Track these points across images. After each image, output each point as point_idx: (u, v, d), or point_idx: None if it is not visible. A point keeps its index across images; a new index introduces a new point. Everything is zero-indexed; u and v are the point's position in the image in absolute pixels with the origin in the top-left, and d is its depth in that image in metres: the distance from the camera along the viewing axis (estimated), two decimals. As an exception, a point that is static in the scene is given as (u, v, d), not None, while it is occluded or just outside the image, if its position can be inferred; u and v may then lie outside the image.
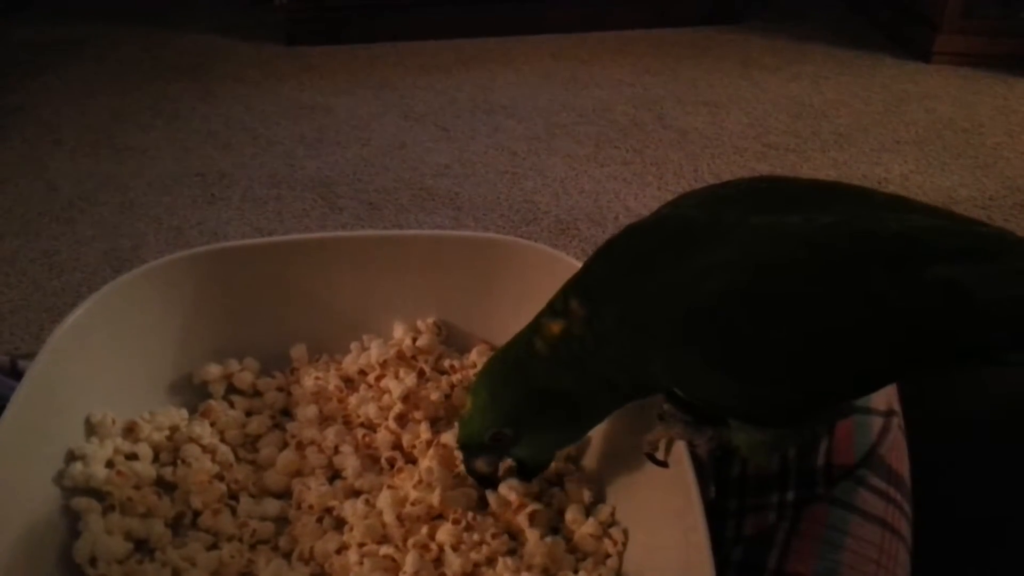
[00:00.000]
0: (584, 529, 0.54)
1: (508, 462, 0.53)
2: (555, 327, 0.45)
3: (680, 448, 0.49)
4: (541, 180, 1.69)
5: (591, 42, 2.50)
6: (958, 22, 2.24)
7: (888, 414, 0.53)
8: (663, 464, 0.50)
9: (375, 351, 0.66)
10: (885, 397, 0.54)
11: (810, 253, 0.39)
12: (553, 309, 0.46)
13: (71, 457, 0.55)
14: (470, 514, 0.54)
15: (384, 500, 0.55)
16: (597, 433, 0.61)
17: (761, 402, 0.42)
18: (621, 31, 2.57)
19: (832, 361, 0.40)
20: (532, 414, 0.48)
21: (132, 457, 0.58)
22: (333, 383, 0.64)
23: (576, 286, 0.46)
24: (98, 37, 2.63)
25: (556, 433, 0.50)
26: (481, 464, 0.52)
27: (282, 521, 0.57)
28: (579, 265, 0.63)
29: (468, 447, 0.51)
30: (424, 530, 0.54)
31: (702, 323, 0.40)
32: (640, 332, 0.42)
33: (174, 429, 0.60)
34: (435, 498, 0.55)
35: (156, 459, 0.59)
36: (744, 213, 0.41)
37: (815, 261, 0.39)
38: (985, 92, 2.10)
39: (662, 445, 0.50)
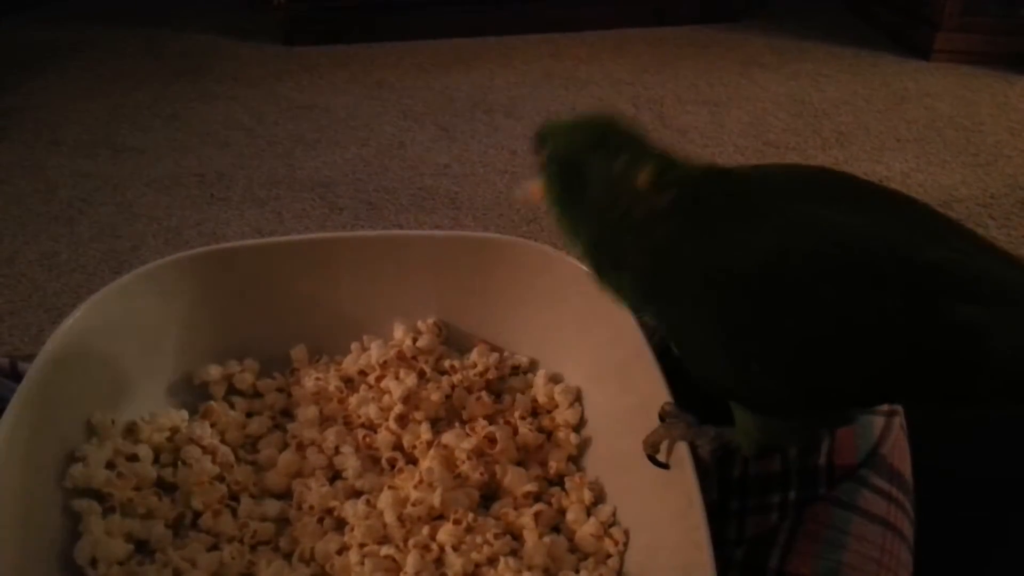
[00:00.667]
0: (585, 529, 0.54)
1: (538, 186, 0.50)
2: (644, 177, 0.44)
3: (681, 448, 0.49)
4: (541, 180, 1.68)
5: (590, 41, 2.50)
6: (958, 20, 2.24)
7: (890, 414, 0.53)
8: (664, 466, 0.50)
9: (375, 352, 0.65)
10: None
11: (839, 256, 0.39)
12: (659, 167, 0.44)
13: (71, 459, 0.55)
14: (471, 515, 0.54)
15: (385, 500, 0.55)
16: (598, 433, 0.61)
17: (753, 386, 0.42)
18: (620, 30, 2.57)
19: (830, 366, 0.39)
20: (559, 166, 0.47)
21: (133, 458, 0.57)
22: (333, 384, 0.64)
23: (683, 180, 0.44)
24: (97, 38, 2.63)
25: (553, 196, 0.48)
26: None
27: (283, 522, 0.57)
28: (580, 266, 0.63)
29: (540, 133, 0.49)
30: (425, 530, 0.54)
31: (721, 290, 0.40)
32: (669, 266, 0.42)
33: (174, 430, 0.60)
34: (436, 498, 0.55)
35: (156, 460, 0.59)
36: (799, 198, 0.41)
37: (841, 265, 0.39)
38: (985, 90, 2.10)
39: (664, 447, 0.50)
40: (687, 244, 0.42)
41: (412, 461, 0.60)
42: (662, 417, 0.51)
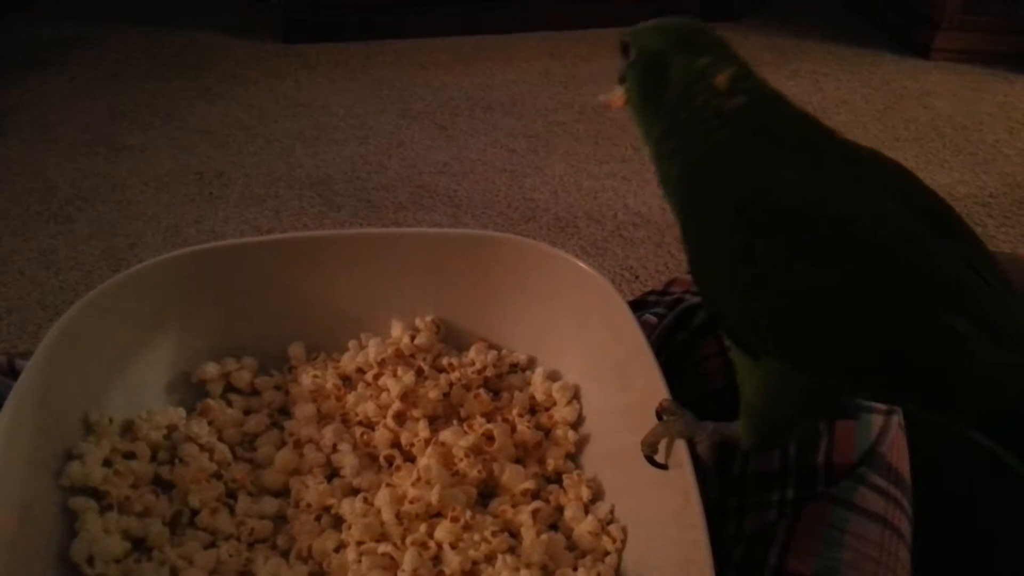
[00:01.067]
0: (583, 527, 0.54)
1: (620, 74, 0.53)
2: (723, 79, 0.45)
3: (680, 446, 0.49)
4: (540, 178, 1.68)
5: (590, 39, 2.49)
6: (958, 19, 2.24)
7: (889, 412, 0.53)
8: (663, 467, 0.50)
9: (373, 349, 0.65)
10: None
11: (868, 232, 0.40)
12: (737, 74, 0.46)
13: (68, 456, 0.54)
14: (468, 512, 0.54)
15: (382, 498, 0.55)
16: (596, 431, 0.61)
17: (751, 317, 0.43)
18: (620, 28, 2.56)
19: (825, 325, 0.40)
20: (646, 61, 0.49)
21: (130, 456, 0.57)
22: (331, 381, 0.64)
23: (756, 91, 0.46)
24: (95, 36, 2.62)
25: (634, 95, 0.50)
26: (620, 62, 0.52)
27: (280, 520, 0.57)
28: (575, 261, 0.63)
29: (627, 35, 0.52)
30: (422, 528, 0.54)
31: (751, 210, 0.41)
32: (716, 167, 0.44)
33: (172, 428, 0.60)
34: (434, 496, 0.55)
35: (154, 458, 0.59)
36: (849, 164, 0.43)
37: (867, 247, 0.40)
38: (985, 89, 2.10)
39: (662, 446, 0.50)
40: (739, 153, 0.43)
41: (410, 459, 0.60)
42: (659, 415, 0.51)
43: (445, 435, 0.60)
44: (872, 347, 0.40)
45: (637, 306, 0.67)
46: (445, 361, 0.67)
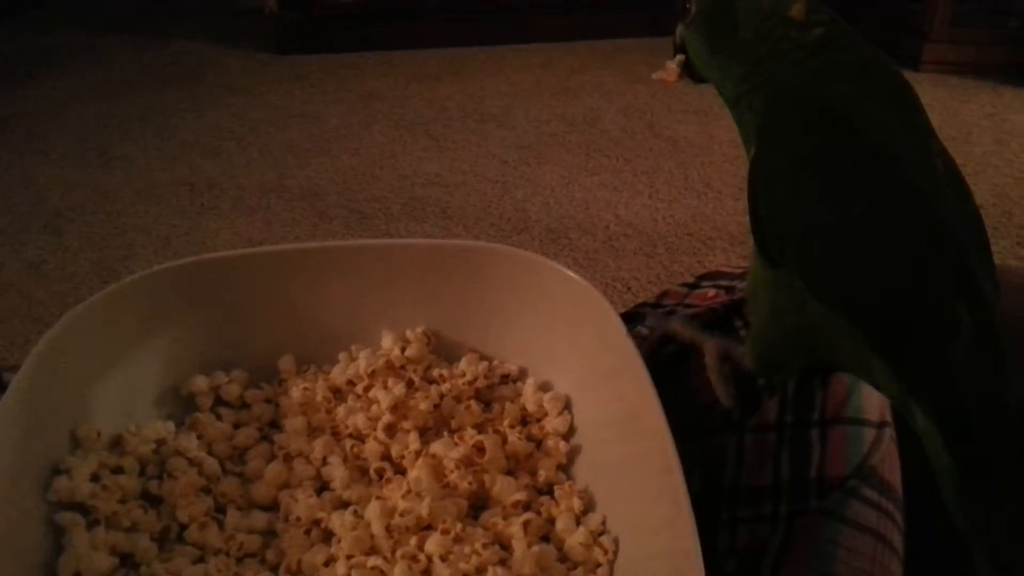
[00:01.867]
0: (574, 538, 0.54)
1: (679, 35, 0.54)
2: (797, 10, 0.47)
3: (671, 455, 0.49)
4: (532, 189, 1.69)
5: (581, 51, 2.51)
6: (947, 31, 2.26)
7: (880, 425, 0.53)
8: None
9: (364, 361, 0.65)
10: (877, 408, 0.53)
11: (921, 201, 0.42)
12: (810, 5, 0.47)
13: (55, 471, 0.54)
14: (459, 524, 0.54)
15: (372, 511, 0.55)
16: (587, 442, 0.61)
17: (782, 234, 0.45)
18: (611, 40, 2.58)
19: (855, 262, 0.43)
20: (711, 8, 0.50)
21: (118, 470, 0.57)
22: (321, 394, 0.64)
23: (832, 21, 0.47)
24: (88, 46, 2.63)
25: (703, 45, 0.51)
26: (676, 36, 0.54)
27: (270, 534, 0.56)
28: (570, 274, 0.63)
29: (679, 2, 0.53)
30: (413, 541, 0.53)
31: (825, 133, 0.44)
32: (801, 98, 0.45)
33: (160, 442, 0.60)
34: (424, 508, 0.54)
35: (142, 472, 0.59)
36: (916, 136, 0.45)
37: (921, 205, 0.42)
38: (974, 100, 2.11)
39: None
40: (830, 84, 0.45)
41: (400, 471, 0.59)
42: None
43: (436, 447, 0.60)
44: (881, 289, 0.42)
45: (629, 318, 0.67)
46: (436, 372, 0.66)
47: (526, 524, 0.54)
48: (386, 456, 0.60)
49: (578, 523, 0.55)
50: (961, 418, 0.41)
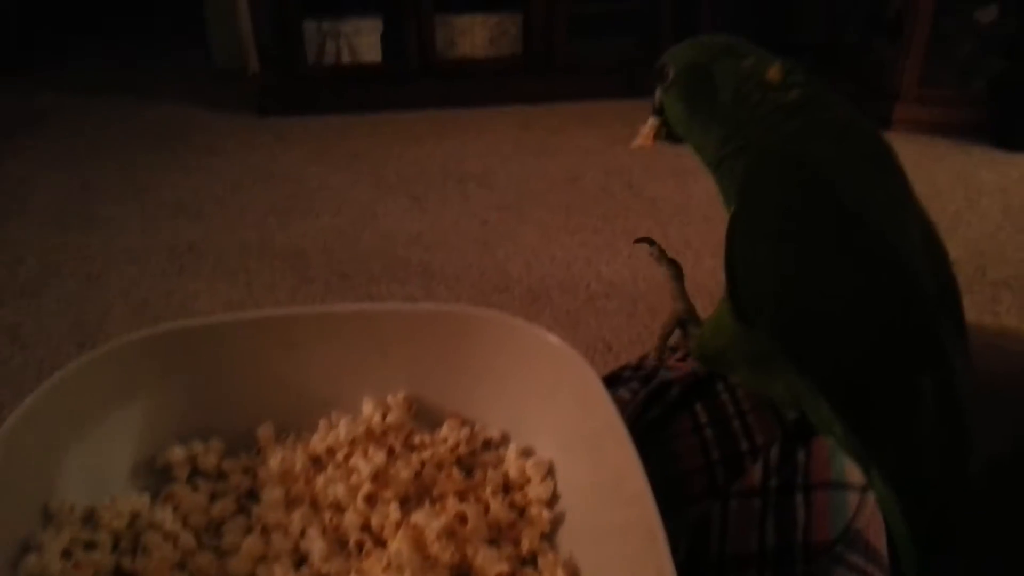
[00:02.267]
0: (558, 611, 0.53)
1: (657, 100, 0.55)
2: (775, 73, 0.48)
3: (655, 521, 0.48)
4: (513, 248, 1.70)
5: (560, 112, 2.55)
6: (916, 92, 2.32)
7: (864, 489, 0.53)
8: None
9: (344, 429, 0.64)
10: (860, 471, 0.53)
11: (895, 274, 0.43)
12: (786, 67, 0.48)
13: (26, 547, 0.52)
14: (441, 599, 0.53)
15: (352, 586, 0.54)
16: (571, 508, 0.60)
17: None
18: (589, 101, 2.63)
19: (825, 328, 0.43)
20: (689, 73, 0.51)
21: (91, 546, 0.55)
22: (300, 463, 0.63)
23: (809, 83, 0.48)
24: (70, 107, 2.64)
25: (682, 109, 0.52)
26: (657, 92, 0.54)
27: (246, 610, 0.55)
28: (548, 336, 0.64)
29: (663, 59, 0.54)
30: (394, 617, 0.52)
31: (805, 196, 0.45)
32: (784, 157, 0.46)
33: (135, 515, 0.58)
34: (405, 582, 0.53)
35: (116, 547, 0.57)
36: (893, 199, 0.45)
37: (894, 278, 0.43)
38: (944, 159, 2.16)
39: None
40: (808, 146, 0.45)
41: (381, 542, 0.58)
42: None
43: (417, 517, 0.59)
44: (848, 357, 0.43)
45: (611, 381, 0.66)
46: (417, 439, 0.66)
47: (509, 595, 0.53)
48: (366, 527, 0.59)
49: (562, 594, 0.54)
50: (919, 487, 0.41)
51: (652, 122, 0.55)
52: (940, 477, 0.41)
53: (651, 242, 0.61)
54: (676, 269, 0.62)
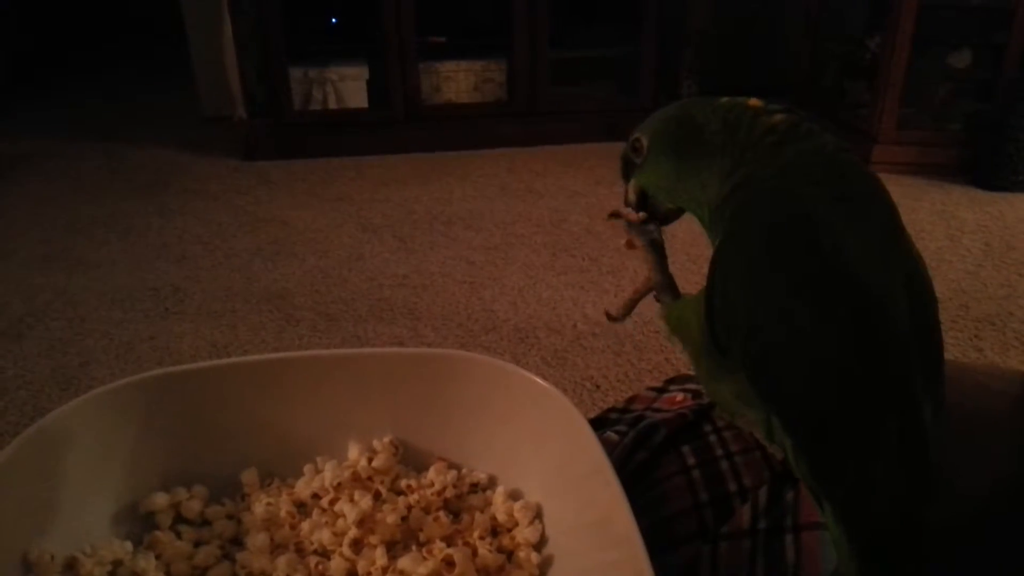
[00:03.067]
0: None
1: (633, 186, 0.55)
2: (754, 101, 0.49)
3: (643, 562, 0.48)
4: (499, 289, 1.70)
5: (544, 156, 2.58)
6: (893, 134, 2.37)
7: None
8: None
9: (329, 473, 0.64)
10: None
11: (873, 321, 0.43)
12: (769, 108, 0.49)
13: (3, 598, 0.51)
14: (429, 647, 0.52)
15: (338, 634, 0.53)
16: (559, 551, 0.60)
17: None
18: (573, 145, 2.66)
19: (792, 370, 0.43)
20: (668, 124, 0.51)
21: (70, 595, 0.54)
22: (285, 509, 0.62)
23: (797, 133, 0.48)
24: (55, 151, 2.64)
25: (671, 165, 0.51)
26: (628, 189, 0.55)
27: (230, 660, 0.54)
28: (534, 378, 0.63)
29: (622, 157, 0.54)
30: (380, 666, 0.51)
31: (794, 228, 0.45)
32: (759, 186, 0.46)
33: (117, 563, 0.57)
34: (392, 630, 0.52)
35: (96, 596, 0.56)
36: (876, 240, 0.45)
37: (871, 324, 0.42)
38: (924, 198, 2.20)
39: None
40: (794, 178, 0.45)
41: (367, 589, 0.57)
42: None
43: (404, 562, 0.58)
44: (811, 398, 0.43)
45: (598, 424, 0.66)
46: (404, 483, 0.65)
47: (498, 643, 0.52)
48: (352, 573, 0.58)
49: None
50: (870, 534, 0.41)
51: (632, 186, 0.55)
52: (892, 520, 0.41)
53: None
54: (657, 242, 0.60)
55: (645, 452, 0.61)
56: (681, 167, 0.51)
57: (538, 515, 0.63)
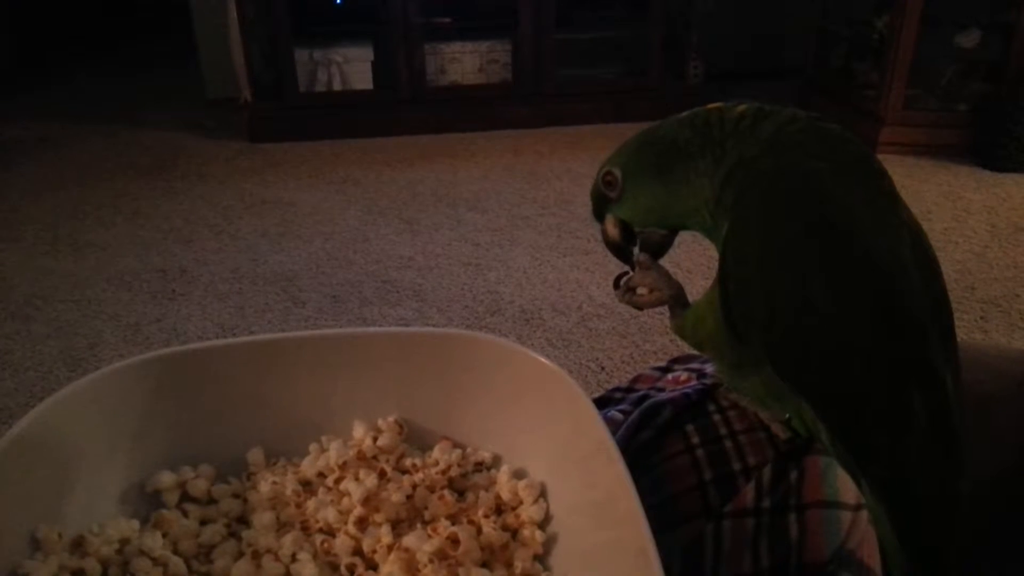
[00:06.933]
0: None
1: (611, 221, 0.55)
2: (713, 104, 0.49)
3: (647, 540, 0.48)
4: (504, 271, 1.70)
5: (550, 137, 2.57)
6: (900, 115, 2.35)
7: (857, 507, 0.53)
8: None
9: (334, 452, 0.64)
10: (853, 490, 0.53)
11: (889, 291, 0.43)
12: (729, 103, 0.49)
13: None
14: (434, 623, 0.52)
15: (344, 610, 0.53)
16: (563, 530, 0.60)
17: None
18: (579, 126, 2.65)
19: (813, 345, 0.43)
20: (638, 148, 0.51)
21: (78, 573, 0.55)
22: (291, 487, 0.62)
23: (766, 112, 0.48)
24: (62, 135, 2.64)
25: (655, 185, 0.51)
26: (607, 225, 0.55)
27: (236, 636, 0.54)
28: (539, 358, 0.64)
29: (593, 196, 0.54)
30: (386, 641, 0.52)
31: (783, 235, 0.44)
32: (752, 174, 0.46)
33: (124, 542, 0.58)
34: (397, 607, 0.53)
35: (105, 574, 0.56)
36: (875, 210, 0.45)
37: (887, 295, 0.42)
38: (931, 180, 2.18)
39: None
40: (794, 161, 0.45)
41: (372, 566, 0.58)
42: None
43: (409, 540, 0.58)
44: (837, 378, 0.42)
45: (602, 403, 0.67)
46: (408, 462, 0.65)
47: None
48: (357, 551, 0.59)
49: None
50: (910, 506, 0.41)
51: (610, 221, 0.56)
52: (931, 493, 0.41)
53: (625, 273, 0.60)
54: (652, 260, 0.61)
55: (649, 431, 0.61)
56: (668, 182, 0.50)
57: (542, 494, 0.63)
